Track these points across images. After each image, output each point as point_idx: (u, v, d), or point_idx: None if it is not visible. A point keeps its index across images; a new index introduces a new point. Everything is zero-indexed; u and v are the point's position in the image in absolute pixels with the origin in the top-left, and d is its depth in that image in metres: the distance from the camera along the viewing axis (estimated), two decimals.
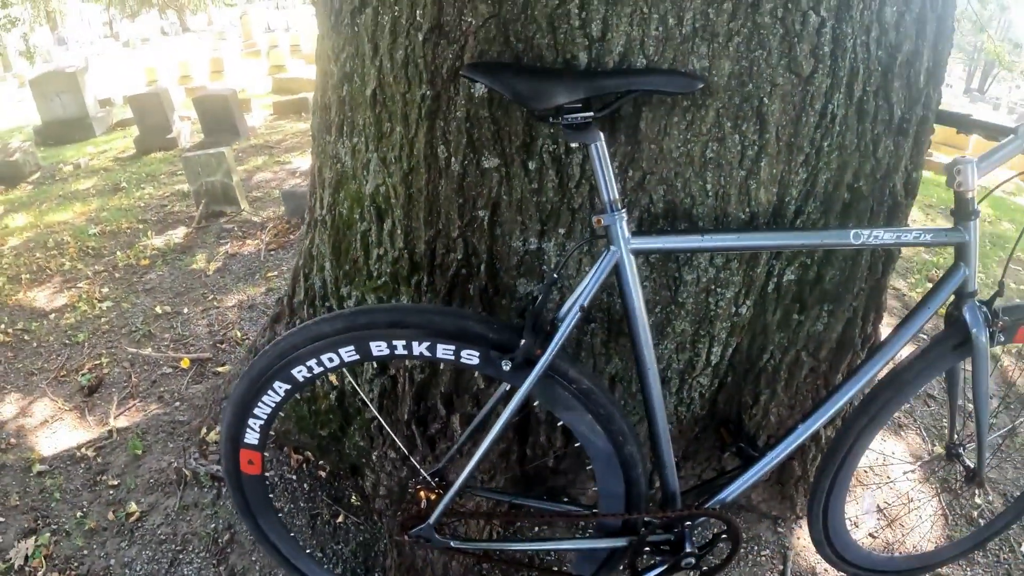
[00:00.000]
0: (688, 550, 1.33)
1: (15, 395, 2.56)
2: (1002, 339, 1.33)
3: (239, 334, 2.85)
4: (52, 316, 3.16)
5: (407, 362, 1.54)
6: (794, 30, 1.10)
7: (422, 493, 1.33)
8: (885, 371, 1.32)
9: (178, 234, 4.19)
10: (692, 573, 1.41)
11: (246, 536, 1.81)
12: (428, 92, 1.21)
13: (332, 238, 1.59)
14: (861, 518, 1.82)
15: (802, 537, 1.79)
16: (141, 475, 2.06)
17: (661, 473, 1.28)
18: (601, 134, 1.05)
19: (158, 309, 3.13)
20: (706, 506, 1.34)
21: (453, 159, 1.25)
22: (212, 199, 4.48)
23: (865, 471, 1.99)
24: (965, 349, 1.31)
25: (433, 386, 1.55)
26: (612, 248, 1.10)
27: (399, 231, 1.39)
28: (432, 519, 1.26)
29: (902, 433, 2.24)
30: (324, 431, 1.85)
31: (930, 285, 1.51)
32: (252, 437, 1.28)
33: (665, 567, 1.37)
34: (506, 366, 1.11)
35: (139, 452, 2.15)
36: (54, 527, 1.92)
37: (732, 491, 1.34)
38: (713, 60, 1.11)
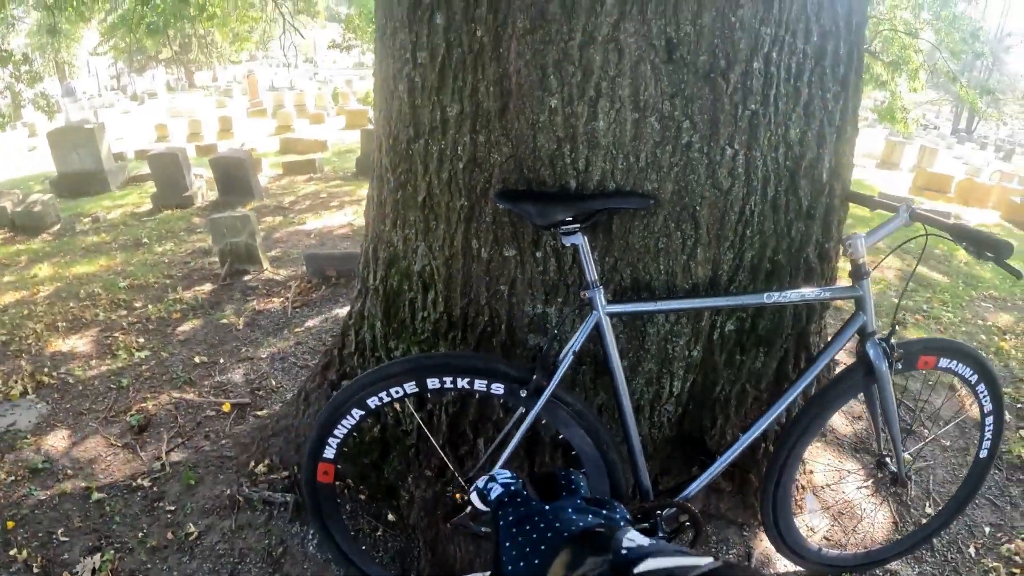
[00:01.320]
0: (660, 534, 1.78)
1: (66, 431, 2.79)
2: (900, 367, 1.77)
3: (274, 383, 3.14)
4: (93, 362, 3.41)
5: (449, 395, 2.00)
6: (715, 160, 1.62)
7: (457, 496, 1.79)
8: (803, 395, 1.79)
9: (204, 289, 4.47)
10: None
11: (297, 548, 2.10)
12: (465, 203, 1.74)
13: (383, 303, 2.07)
14: (808, 518, 2.25)
15: (764, 540, 2.09)
16: (196, 501, 2.31)
17: (637, 476, 1.74)
18: (585, 236, 1.55)
19: (196, 359, 3.39)
20: (673, 499, 1.79)
21: (483, 249, 1.77)
22: (236, 258, 4.82)
23: (821, 485, 2.43)
24: (871, 377, 1.75)
25: (463, 416, 2.01)
26: (594, 312, 1.59)
27: (440, 299, 1.89)
28: (466, 511, 1.72)
29: (845, 445, 2.68)
30: (366, 459, 2.28)
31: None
32: (329, 452, 1.73)
33: None
34: (523, 394, 1.59)
35: (192, 482, 2.39)
36: (117, 545, 2.13)
37: (693, 488, 1.78)
38: (660, 183, 1.63)
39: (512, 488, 1.16)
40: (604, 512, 1.01)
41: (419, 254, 1.90)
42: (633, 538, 0.75)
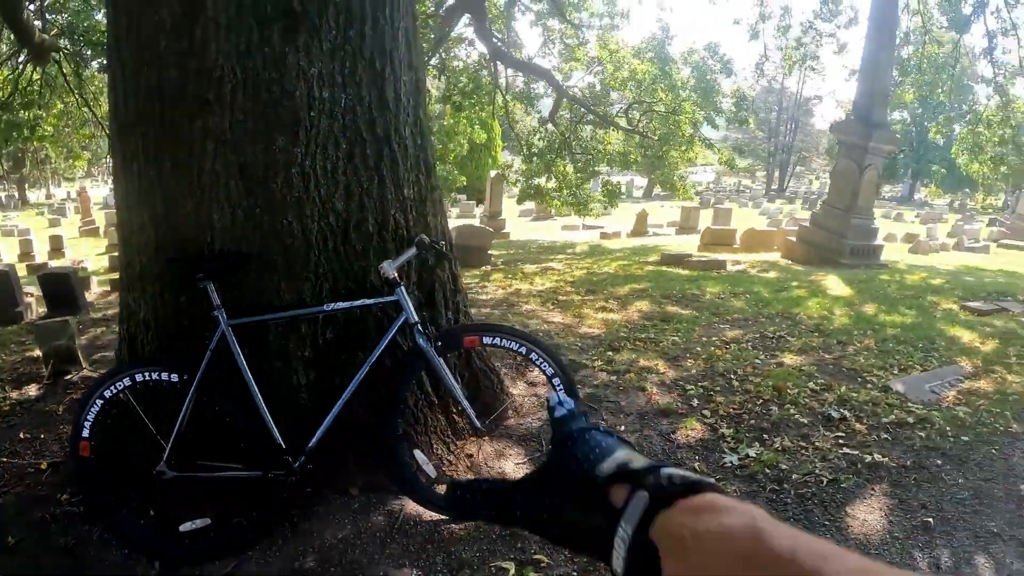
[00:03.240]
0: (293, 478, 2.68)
1: None
2: (443, 347, 2.76)
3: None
4: None
5: (149, 386, 2.84)
6: (278, 230, 2.65)
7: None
8: (367, 381, 2.76)
9: (31, 388, 4.94)
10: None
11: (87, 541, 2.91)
12: (157, 271, 2.67)
13: (128, 341, 2.91)
14: (423, 467, 3.19)
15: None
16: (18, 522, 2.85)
17: (271, 437, 2.64)
18: (210, 280, 2.52)
19: (21, 435, 3.91)
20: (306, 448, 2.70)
21: (166, 295, 2.69)
22: (59, 359, 5.23)
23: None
24: (424, 359, 2.76)
25: (161, 403, 2.86)
26: (220, 326, 2.55)
27: (152, 333, 2.78)
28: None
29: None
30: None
31: None
32: (85, 432, 2.60)
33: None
34: (186, 378, 2.52)
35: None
36: None
37: (314, 441, 2.69)
38: (250, 246, 2.64)
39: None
40: None
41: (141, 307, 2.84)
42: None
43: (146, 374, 2.63)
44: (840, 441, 3.50)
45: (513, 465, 3.28)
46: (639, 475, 0.51)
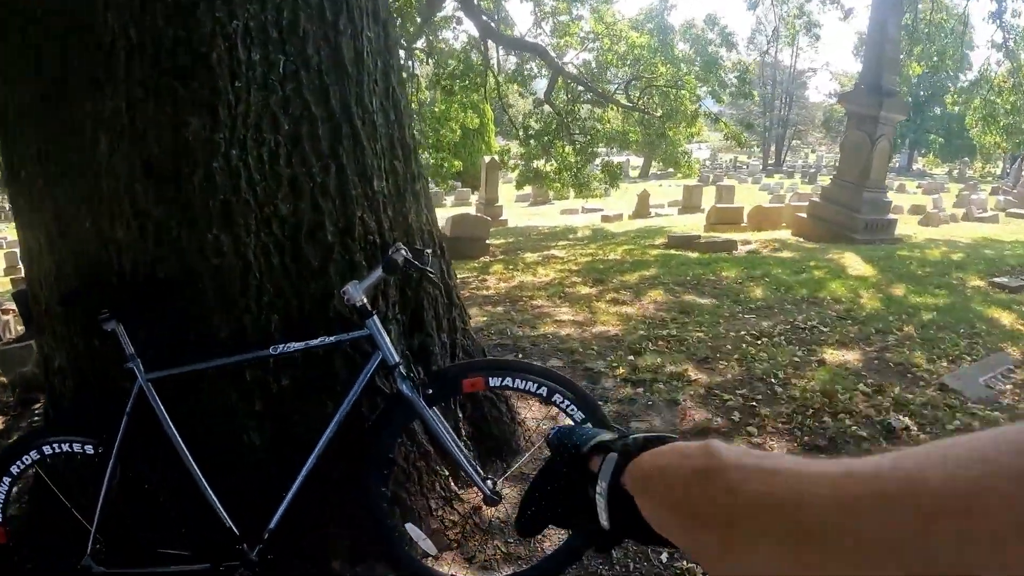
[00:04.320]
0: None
1: None
2: (435, 395, 2.01)
3: None
4: None
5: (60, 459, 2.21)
6: (197, 245, 1.95)
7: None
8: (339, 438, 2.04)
9: None
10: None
11: None
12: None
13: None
14: (419, 544, 2.48)
15: None
16: None
17: (218, 519, 1.98)
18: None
19: None
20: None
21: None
22: (26, 387, 4.70)
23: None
24: (410, 410, 2.02)
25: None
26: (138, 380, 1.89)
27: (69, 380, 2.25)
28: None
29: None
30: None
31: None
32: None
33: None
34: (100, 450, 1.96)
35: None
36: None
37: (274, 521, 2.01)
38: (168, 271, 1.95)
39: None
40: None
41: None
42: None
43: (55, 446, 2.08)
44: None
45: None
46: (612, 443, 0.61)
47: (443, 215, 14.73)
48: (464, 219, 11.24)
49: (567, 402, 2.03)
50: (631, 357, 4.30)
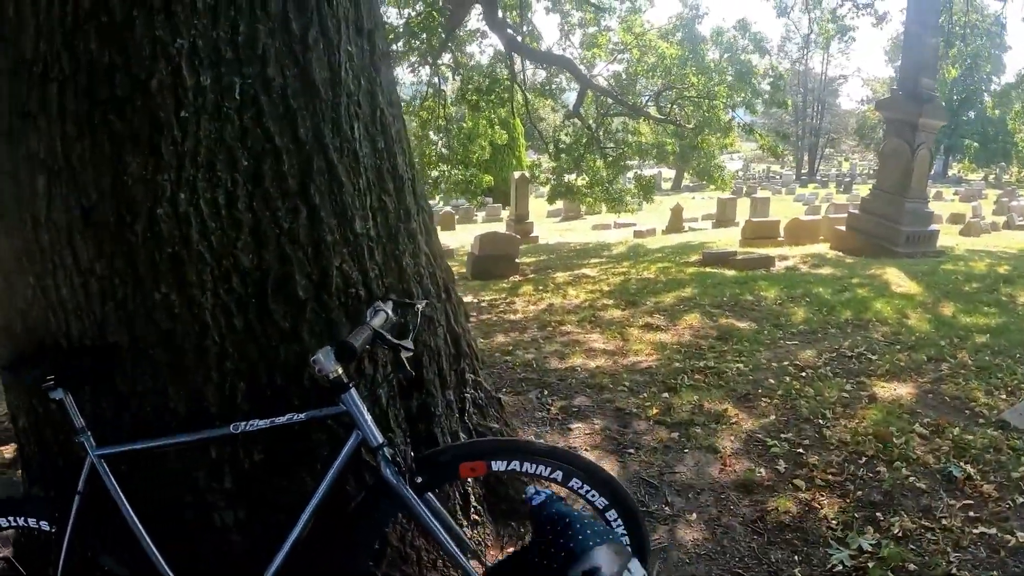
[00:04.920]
0: None
1: None
2: (425, 484, 1.64)
3: None
4: None
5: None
6: (149, 305, 1.66)
7: None
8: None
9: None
10: None
11: None
12: None
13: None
14: None
15: None
16: None
17: None
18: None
19: None
20: None
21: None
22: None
23: None
24: (397, 501, 1.63)
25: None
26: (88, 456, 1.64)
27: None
28: None
29: None
30: None
31: None
32: None
33: None
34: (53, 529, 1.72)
35: None
36: None
37: None
38: (119, 335, 1.65)
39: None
40: None
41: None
42: None
43: (11, 519, 1.80)
44: (971, 514, 2.70)
45: None
46: None
47: (473, 231, 14.54)
48: (493, 237, 10.93)
49: (587, 487, 1.67)
50: (665, 394, 3.93)
